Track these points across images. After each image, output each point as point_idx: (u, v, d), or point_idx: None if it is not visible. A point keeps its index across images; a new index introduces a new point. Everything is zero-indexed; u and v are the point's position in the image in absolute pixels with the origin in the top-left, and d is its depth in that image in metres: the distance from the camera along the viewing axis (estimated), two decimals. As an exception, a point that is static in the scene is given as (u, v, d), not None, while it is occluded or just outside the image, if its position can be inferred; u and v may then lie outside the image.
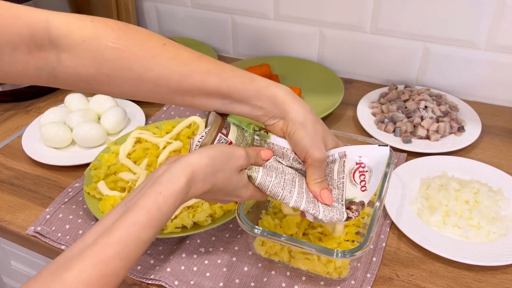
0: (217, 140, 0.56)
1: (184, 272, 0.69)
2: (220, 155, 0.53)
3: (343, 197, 0.59)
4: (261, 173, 0.56)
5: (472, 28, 0.99)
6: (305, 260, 0.65)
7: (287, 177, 0.58)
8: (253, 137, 0.59)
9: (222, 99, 0.57)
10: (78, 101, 1.02)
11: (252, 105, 0.57)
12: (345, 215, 0.58)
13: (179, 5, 1.29)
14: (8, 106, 1.11)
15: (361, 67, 1.15)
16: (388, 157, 0.73)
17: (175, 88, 0.56)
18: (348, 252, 0.59)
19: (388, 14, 1.04)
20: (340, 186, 0.59)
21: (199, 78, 0.55)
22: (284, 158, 0.59)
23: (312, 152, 0.56)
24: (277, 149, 0.59)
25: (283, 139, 0.58)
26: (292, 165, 0.59)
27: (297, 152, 0.58)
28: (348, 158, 0.58)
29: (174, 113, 1.06)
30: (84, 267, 0.41)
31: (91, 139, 0.92)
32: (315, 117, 0.58)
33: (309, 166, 0.58)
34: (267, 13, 1.18)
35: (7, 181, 0.88)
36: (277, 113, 0.57)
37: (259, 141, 0.59)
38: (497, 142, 0.94)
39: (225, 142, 0.57)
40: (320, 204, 0.58)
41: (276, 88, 0.57)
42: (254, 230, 0.62)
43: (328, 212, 0.57)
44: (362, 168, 0.57)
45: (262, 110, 0.57)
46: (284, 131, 0.58)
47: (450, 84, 1.08)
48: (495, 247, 0.69)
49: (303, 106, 0.57)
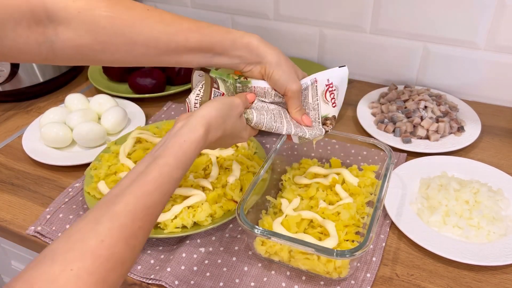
0: (213, 95, 0.64)
1: (184, 272, 0.69)
2: (224, 106, 0.60)
3: (319, 116, 0.71)
4: (255, 114, 0.65)
5: (472, 28, 0.99)
6: (305, 259, 0.65)
7: (275, 112, 0.68)
8: (235, 85, 0.68)
9: (204, 53, 0.64)
10: (78, 101, 1.02)
11: (230, 55, 0.65)
12: (323, 130, 0.70)
13: (179, 5, 1.29)
14: (8, 106, 1.12)
15: (361, 67, 1.15)
16: (388, 157, 0.74)
17: (164, 49, 0.62)
18: (348, 252, 0.59)
19: (388, 14, 1.04)
20: (315, 107, 0.70)
21: (183, 36, 0.62)
22: (267, 96, 0.68)
23: (290, 86, 0.66)
24: (259, 90, 0.68)
25: (262, 81, 0.67)
26: (274, 101, 0.69)
27: (277, 89, 0.67)
28: (319, 83, 0.69)
29: (174, 113, 1.06)
30: (130, 200, 0.47)
31: (91, 139, 0.92)
32: (285, 56, 0.67)
33: (289, 98, 0.67)
34: (267, 13, 1.18)
35: (7, 181, 0.88)
36: (254, 59, 0.65)
37: (241, 87, 0.68)
38: (497, 142, 0.94)
39: (219, 95, 0.65)
40: (303, 126, 0.69)
41: (250, 36, 0.65)
42: (254, 230, 0.63)
43: (311, 131, 0.69)
44: (331, 88, 0.69)
45: (239, 58, 0.65)
46: (262, 73, 0.67)
47: (450, 84, 1.08)
48: (495, 247, 0.69)
49: (275, 49, 0.66)
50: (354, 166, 0.82)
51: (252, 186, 0.70)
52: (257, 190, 0.73)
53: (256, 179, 0.72)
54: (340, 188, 0.77)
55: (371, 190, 0.77)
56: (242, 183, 0.79)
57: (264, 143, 0.95)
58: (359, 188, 0.76)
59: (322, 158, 0.86)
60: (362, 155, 0.83)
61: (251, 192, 0.70)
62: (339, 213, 0.71)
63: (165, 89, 1.12)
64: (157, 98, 1.09)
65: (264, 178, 0.75)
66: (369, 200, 0.75)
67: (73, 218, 0.78)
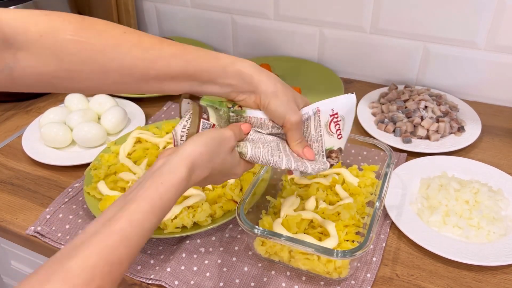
0: (202, 127, 0.57)
1: (184, 272, 0.69)
2: (212, 141, 0.54)
3: (323, 149, 0.64)
4: (250, 147, 0.59)
5: (472, 28, 0.99)
6: (305, 260, 0.65)
7: (272, 144, 0.61)
8: (228, 114, 0.61)
9: (190, 81, 0.57)
10: (78, 101, 1.02)
11: (220, 84, 0.58)
12: (328, 164, 0.63)
13: (179, 5, 1.29)
14: (8, 106, 1.11)
15: (361, 67, 1.15)
16: (388, 157, 0.74)
17: (141, 76, 0.55)
18: (348, 252, 0.59)
19: (388, 14, 1.04)
20: (318, 139, 0.63)
21: (164, 63, 0.55)
22: (263, 127, 0.62)
23: (289, 117, 0.58)
24: (255, 121, 0.61)
25: (257, 111, 0.61)
26: (272, 132, 0.62)
27: (275, 120, 0.60)
28: (322, 113, 0.62)
29: (174, 113, 1.06)
30: (89, 254, 0.40)
31: (91, 139, 0.92)
32: (283, 84, 0.60)
33: (288, 130, 0.60)
34: (267, 13, 1.18)
35: (7, 181, 0.88)
36: (247, 88, 0.58)
37: (235, 117, 0.61)
38: (497, 142, 0.94)
39: (208, 126, 0.58)
40: (305, 160, 0.62)
41: (241, 63, 0.58)
42: (254, 230, 0.63)
43: (314, 165, 0.62)
44: (336, 118, 0.62)
45: (231, 87, 0.59)
46: (257, 103, 0.60)
47: (450, 84, 1.08)
48: (495, 247, 0.69)
49: (270, 77, 0.59)
50: (354, 166, 0.82)
51: (252, 187, 0.70)
52: (257, 190, 0.73)
53: (256, 179, 0.72)
54: (340, 188, 0.77)
55: (371, 190, 0.77)
56: (242, 183, 0.79)
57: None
58: (359, 188, 0.76)
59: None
60: (362, 155, 0.83)
61: (251, 192, 0.70)
62: (339, 213, 0.71)
63: (165, 89, 1.12)
64: (157, 98, 1.09)
65: (264, 178, 0.75)
66: (369, 200, 0.75)
67: (73, 218, 0.78)
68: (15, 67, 0.51)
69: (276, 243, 0.66)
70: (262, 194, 0.75)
